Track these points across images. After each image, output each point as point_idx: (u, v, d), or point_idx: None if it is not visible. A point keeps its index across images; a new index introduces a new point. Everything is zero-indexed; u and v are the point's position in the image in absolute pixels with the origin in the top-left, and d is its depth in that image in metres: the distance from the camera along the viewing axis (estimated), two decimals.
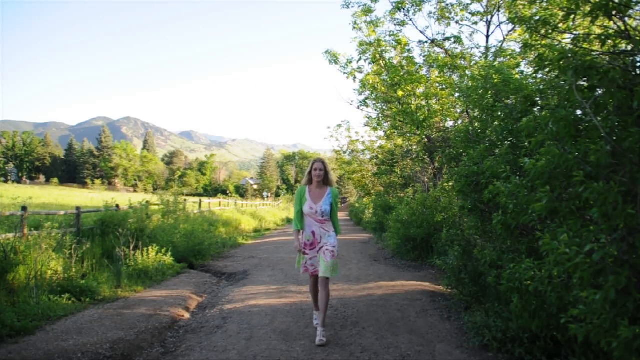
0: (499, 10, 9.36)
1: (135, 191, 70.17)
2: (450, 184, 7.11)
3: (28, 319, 4.20)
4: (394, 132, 12.02)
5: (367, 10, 9.94)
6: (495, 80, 4.30)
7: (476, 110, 5.29)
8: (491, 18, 9.56)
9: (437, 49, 10.16)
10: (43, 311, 4.50)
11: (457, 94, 8.13)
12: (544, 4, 5.47)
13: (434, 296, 5.45)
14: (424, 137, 9.69)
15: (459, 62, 9.38)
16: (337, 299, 5.30)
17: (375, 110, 12.11)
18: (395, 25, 9.90)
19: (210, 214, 15.89)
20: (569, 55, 2.33)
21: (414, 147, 12.27)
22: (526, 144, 3.46)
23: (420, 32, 10.08)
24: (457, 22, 9.87)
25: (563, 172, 2.26)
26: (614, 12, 2.32)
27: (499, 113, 4.23)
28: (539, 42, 3.93)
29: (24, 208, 6.50)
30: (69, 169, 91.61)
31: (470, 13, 9.70)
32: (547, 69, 3.12)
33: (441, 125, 9.97)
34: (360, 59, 10.43)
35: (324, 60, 11.10)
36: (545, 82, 3.80)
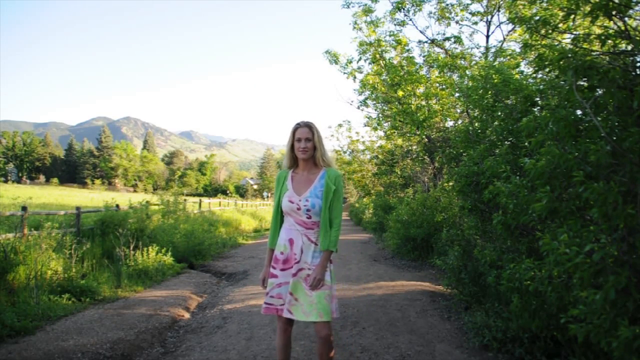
0: (499, 10, 9.36)
1: (135, 191, 70.18)
2: (450, 184, 7.11)
3: (28, 319, 4.20)
4: (394, 132, 12.01)
5: (367, 10, 9.94)
6: (495, 80, 4.30)
7: (476, 110, 5.29)
8: (491, 18, 9.57)
9: (437, 49, 10.17)
10: (43, 311, 4.50)
11: (457, 94, 8.13)
12: (544, 4, 5.47)
13: (434, 296, 5.45)
14: (424, 137, 9.69)
15: (459, 62, 9.38)
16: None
17: (375, 110, 12.12)
18: (395, 25, 9.91)
19: (210, 214, 15.90)
20: (569, 55, 2.33)
21: (414, 147, 12.26)
22: (526, 144, 3.46)
23: (420, 32, 10.10)
24: (457, 22, 9.88)
25: (563, 172, 2.26)
26: (614, 12, 2.32)
27: (499, 113, 4.22)
28: (539, 42, 3.92)
29: (24, 208, 6.50)
30: (69, 169, 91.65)
31: (470, 13, 9.71)
32: (547, 69, 3.12)
33: (441, 125, 9.96)
34: (360, 59, 10.44)
35: (324, 60, 11.12)
36: (545, 82, 3.80)
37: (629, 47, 2.43)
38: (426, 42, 10.13)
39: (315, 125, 2.52)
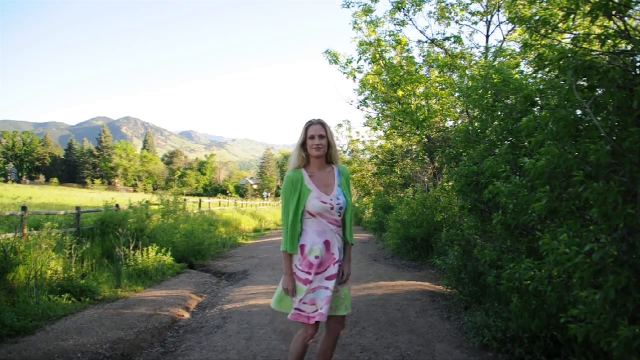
0: (499, 10, 9.36)
1: (135, 191, 70.18)
2: (450, 184, 7.11)
3: (28, 319, 4.21)
4: (394, 132, 12.01)
5: (368, 10, 9.95)
6: (495, 80, 4.30)
7: (476, 110, 5.29)
8: (491, 18, 9.57)
9: (437, 49, 10.17)
10: (43, 311, 4.50)
11: (457, 94, 8.13)
12: (544, 4, 5.47)
13: (434, 296, 5.45)
14: (424, 137, 9.69)
15: (459, 62, 9.38)
16: None
17: (375, 110, 12.12)
18: (395, 25, 9.91)
19: (210, 214, 15.89)
20: (569, 55, 2.33)
21: (414, 147, 12.27)
22: (526, 144, 3.46)
23: (420, 32, 10.11)
24: (457, 22, 9.88)
25: (563, 172, 2.26)
26: (614, 12, 2.32)
27: (499, 113, 4.23)
28: (539, 42, 3.93)
29: (24, 208, 6.50)
30: (69, 169, 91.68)
31: (470, 13, 9.71)
32: (547, 69, 3.12)
33: (441, 125, 9.97)
34: (360, 59, 10.44)
35: (324, 60, 11.13)
36: (545, 82, 3.80)
37: (629, 47, 2.43)
38: (426, 42, 10.14)
39: (327, 124, 2.49)
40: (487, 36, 9.70)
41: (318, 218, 2.41)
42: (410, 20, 9.79)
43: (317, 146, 2.41)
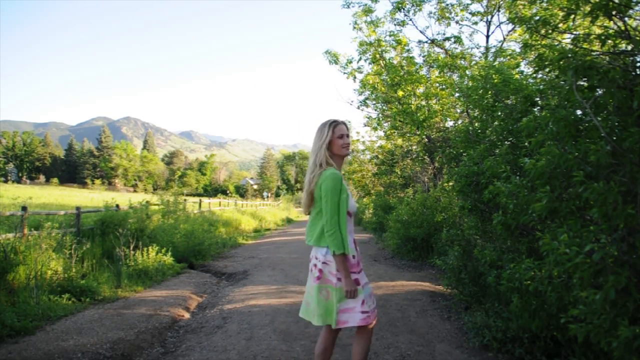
0: (499, 10, 9.37)
1: (135, 191, 70.16)
2: (450, 184, 7.11)
3: (28, 319, 4.21)
4: (394, 132, 12.01)
5: (368, 10, 9.96)
6: (495, 80, 4.30)
7: (476, 110, 5.29)
8: (491, 18, 9.58)
9: (437, 49, 10.18)
10: (43, 311, 4.50)
11: (457, 94, 8.13)
12: (544, 4, 5.47)
13: (434, 296, 5.45)
14: (424, 137, 9.69)
15: (459, 62, 9.38)
16: None
17: (375, 110, 12.12)
18: (395, 25, 9.92)
19: (210, 214, 15.89)
20: (569, 55, 2.33)
21: (414, 147, 12.27)
22: (526, 144, 3.46)
23: (420, 32, 10.12)
24: (457, 22, 9.89)
25: (563, 172, 2.26)
26: (614, 12, 2.32)
27: (499, 113, 4.23)
28: (539, 42, 3.93)
29: (24, 208, 6.50)
30: (69, 169, 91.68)
31: (470, 13, 9.72)
32: (547, 69, 3.13)
33: (441, 125, 9.97)
34: (360, 59, 10.45)
35: (324, 60, 11.13)
36: (545, 82, 3.80)
37: (629, 47, 2.43)
38: (426, 42, 10.15)
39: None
40: (487, 36, 9.71)
41: (349, 218, 2.43)
42: (410, 20, 9.81)
43: (348, 145, 2.44)
